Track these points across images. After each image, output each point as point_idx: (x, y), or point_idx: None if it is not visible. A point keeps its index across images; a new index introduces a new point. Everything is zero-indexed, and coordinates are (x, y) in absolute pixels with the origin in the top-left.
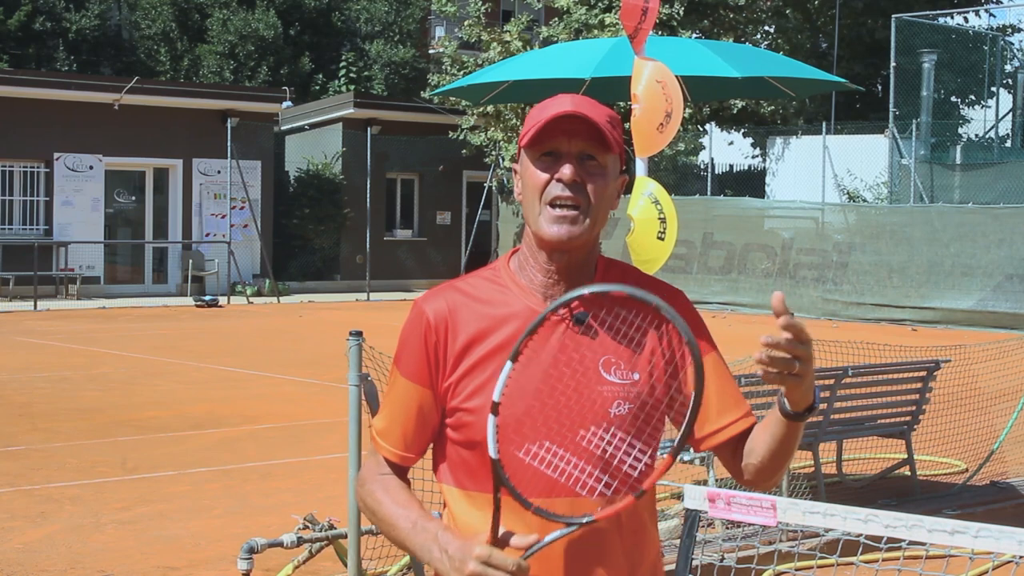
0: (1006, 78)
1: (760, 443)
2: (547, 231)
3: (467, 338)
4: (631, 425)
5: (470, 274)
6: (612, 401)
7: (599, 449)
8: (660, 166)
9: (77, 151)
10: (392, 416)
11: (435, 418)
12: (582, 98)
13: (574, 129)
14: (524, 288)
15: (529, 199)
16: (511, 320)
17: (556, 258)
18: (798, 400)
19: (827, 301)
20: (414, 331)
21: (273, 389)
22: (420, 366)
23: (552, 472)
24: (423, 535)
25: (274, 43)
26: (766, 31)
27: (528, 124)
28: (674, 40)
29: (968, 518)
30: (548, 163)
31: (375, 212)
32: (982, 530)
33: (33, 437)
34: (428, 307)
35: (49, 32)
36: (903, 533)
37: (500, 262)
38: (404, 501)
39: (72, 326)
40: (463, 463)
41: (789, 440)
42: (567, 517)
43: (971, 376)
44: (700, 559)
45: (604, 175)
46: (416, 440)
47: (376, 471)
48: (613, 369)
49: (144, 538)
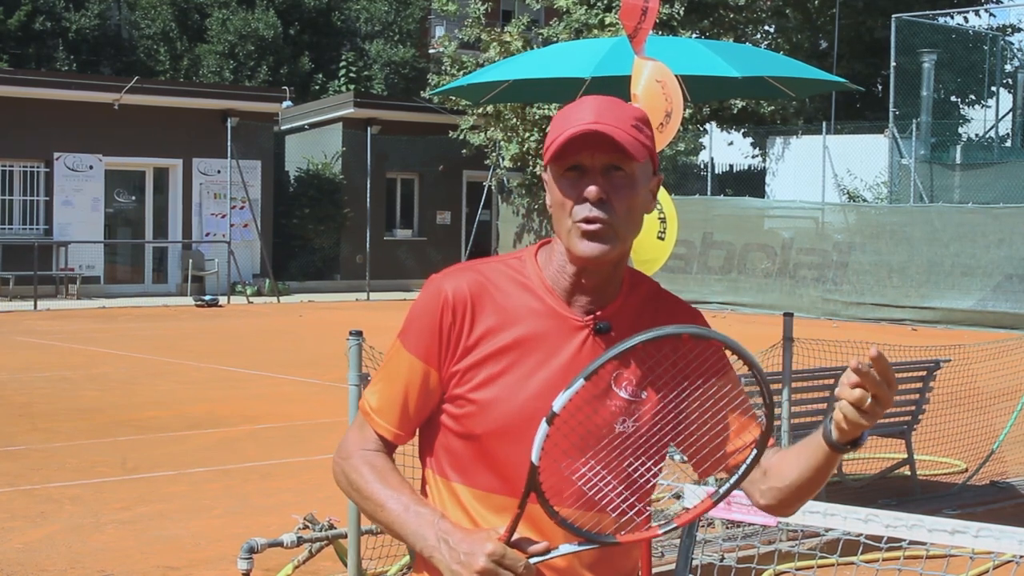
0: (1006, 78)
1: (791, 468)
2: (578, 248)
3: (484, 328)
4: (634, 442)
5: (491, 258)
6: (617, 417)
7: (612, 464)
8: (660, 166)
9: (77, 151)
10: (391, 393)
11: (435, 399)
12: (605, 105)
13: (596, 142)
14: (548, 287)
15: (558, 215)
16: (533, 317)
17: (587, 275)
18: (847, 433)
19: (827, 301)
20: (428, 307)
21: (273, 389)
22: (430, 344)
23: (585, 486)
24: (417, 520)
25: (274, 43)
26: (766, 31)
27: (550, 136)
28: (674, 40)
29: (968, 518)
30: (573, 179)
31: (375, 212)
32: (982, 530)
33: (33, 437)
34: (448, 285)
35: (49, 32)
36: (903, 533)
37: (526, 253)
38: (395, 483)
39: (72, 326)
40: (452, 453)
41: (825, 470)
42: (591, 534)
43: (971, 376)
44: (700, 559)
45: (632, 185)
46: (413, 418)
47: (361, 445)
48: (624, 385)
49: (144, 538)
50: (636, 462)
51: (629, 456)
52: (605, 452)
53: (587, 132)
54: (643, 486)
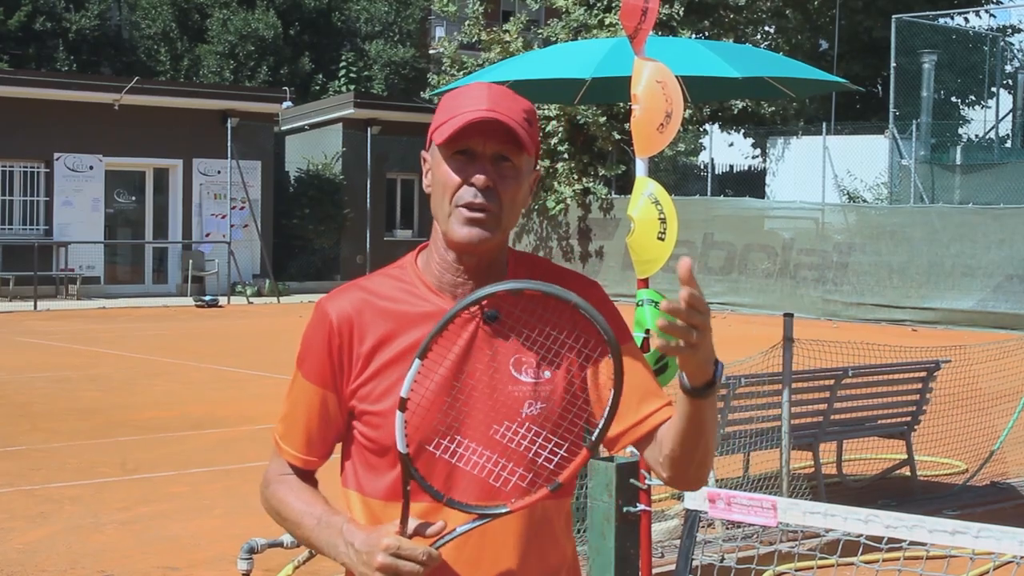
0: (1006, 79)
1: (671, 431)
2: (457, 233)
3: (375, 340)
4: (545, 421)
5: (375, 272)
6: (523, 402)
7: (513, 443)
8: (660, 166)
9: (77, 151)
10: (293, 419)
11: (339, 421)
12: (499, 93)
13: (491, 130)
14: (432, 288)
15: (439, 196)
16: (421, 321)
17: (465, 259)
18: (695, 373)
19: (827, 301)
20: (316, 332)
21: (273, 389)
22: (323, 368)
23: (465, 465)
24: (328, 531)
25: (274, 43)
26: (766, 31)
27: (440, 116)
28: (674, 40)
29: (968, 518)
30: (461, 163)
31: (375, 212)
32: (983, 530)
33: (33, 437)
34: (331, 308)
35: (49, 32)
36: (904, 533)
37: (407, 260)
38: (308, 499)
39: (72, 326)
40: (370, 467)
41: (694, 421)
42: (480, 508)
43: (971, 377)
44: (700, 559)
45: (518, 177)
46: (319, 443)
47: (278, 471)
48: (524, 368)
49: (144, 538)
50: (545, 442)
51: (537, 437)
52: (511, 435)
53: (485, 119)
54: (551, 461)
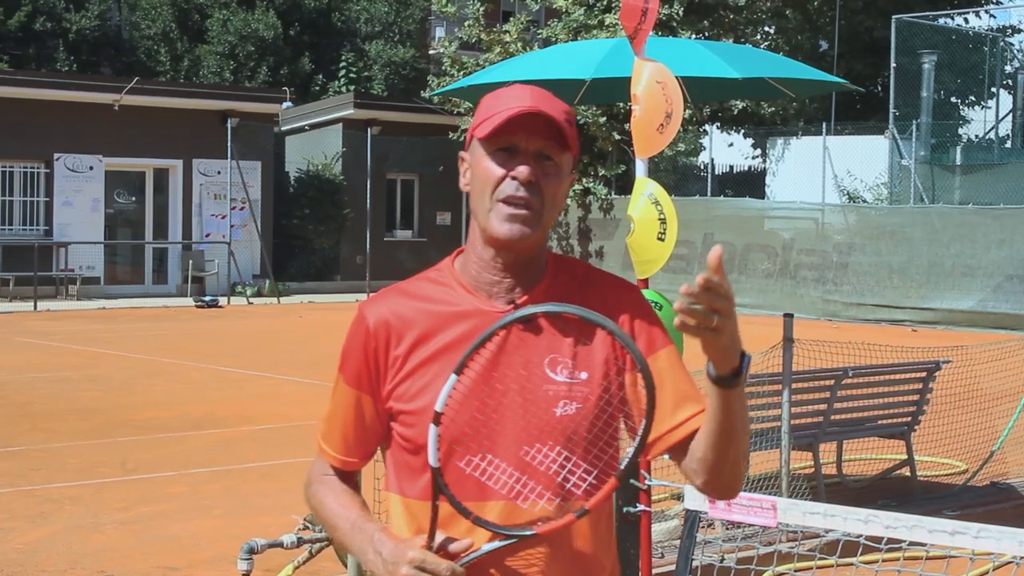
0: (1006, 79)
1: (702, 433)
2: (498, 229)
3: (412, 340)
4: (579, 430)
5: (416, 276)
6: (557, 401)
7: (543, 465)
8: (660, 167)
9: (77, 151)
10: (333, 420)
11: (377, 424)
12: (541, 92)
13: (534, 126)
14: (468, 288)
15: (479, 192)
16: (457, 320)
17: (503, 256)
18: (720, 360)
19: (827, 302)
20: (354, 336)
21: (273, 389)
22: (360, 372)
23: (494, 484)
24: (360, 536)
25: (274, 43)
26: (766, 32)
27: (483, 113)
28: (674, 40)
29: (968, 519)
30: (503, 158)
31: (375, 212)
32: (983, 531)
33: (33, 437)
34: (369, 312)
35: (49, 32)
36: (903, 534)
37: (445, 263)
38: (346, 502)
39: (72, 326)
40: (408, 468)
41: (724, 416)
42: (507, 528)
43: (971, 377)
44: (700, 559)
45: (559, 175)
46: (358, 445)
47: (320, 472)
48: (560, 368)
49: (144, 538)
50: (575, 467)
51: (567, 462)
52: (546, 438)
53: (532, 112)
54: (579, 487)
